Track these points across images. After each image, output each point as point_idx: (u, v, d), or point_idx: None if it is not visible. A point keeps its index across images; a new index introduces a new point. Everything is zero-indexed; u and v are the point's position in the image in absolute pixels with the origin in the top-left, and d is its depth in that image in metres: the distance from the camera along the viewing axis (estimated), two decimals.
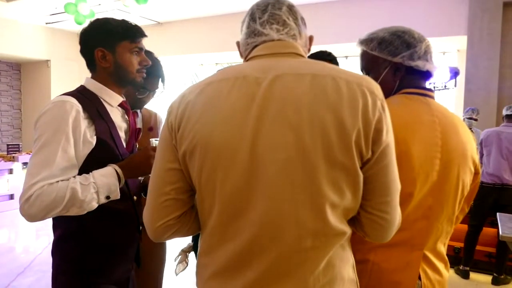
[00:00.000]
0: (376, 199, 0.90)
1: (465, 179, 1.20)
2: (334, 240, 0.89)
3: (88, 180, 1.25)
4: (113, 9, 6.65)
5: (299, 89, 0.85)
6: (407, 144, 1.10)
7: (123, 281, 1.45)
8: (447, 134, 1.17)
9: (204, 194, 0.92)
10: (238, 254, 0.89)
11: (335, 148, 0.83)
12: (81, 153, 1.27)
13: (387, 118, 0.88)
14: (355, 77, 0.87)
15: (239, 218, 0.88)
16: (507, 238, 2.56)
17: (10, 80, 9.22)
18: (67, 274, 1.36)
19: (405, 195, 1.11)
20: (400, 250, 1.15)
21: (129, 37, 1.38)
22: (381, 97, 0.88)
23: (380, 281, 1.15)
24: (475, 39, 5.34)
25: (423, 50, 1.19)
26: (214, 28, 7.57)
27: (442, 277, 1.21)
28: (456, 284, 3.82)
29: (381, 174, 0.89)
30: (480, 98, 5.26)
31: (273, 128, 0.84)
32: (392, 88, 1.23)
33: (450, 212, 1.20)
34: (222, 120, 0.87)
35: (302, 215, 0.85)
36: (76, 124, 1.25)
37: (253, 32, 0.97)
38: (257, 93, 0.86)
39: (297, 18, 0.98)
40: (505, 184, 3.83)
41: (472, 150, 1.22)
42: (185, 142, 0.90)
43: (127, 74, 1.39)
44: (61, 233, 1.38)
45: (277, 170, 0.84)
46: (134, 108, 1.89)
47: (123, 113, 1.47)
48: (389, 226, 0.93)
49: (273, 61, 0.92)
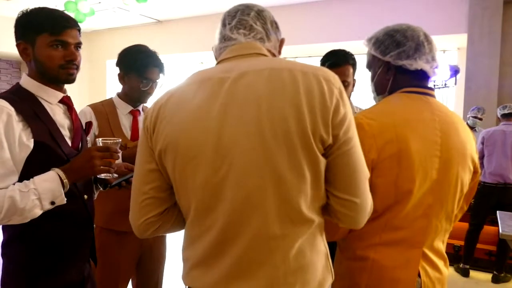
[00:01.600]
0: (343, 183, 0.93)
1: (464, 178, 1.21)
2: (302, 228, 0.93)
3: (28, 186, 1.18)
4: (113, 7, 6.64)
5: (259, 83, 0.90)
6: (407, 142, 1.11)
7: (78, 282, 1.40)
8: (447, 132, 1.17)
9: (180, 191, 0.98)
10: (213, 243, 0.94)
11: (294, 137, 0.87)
12: (18, 158, 1.21)
13: (346, 105, 0.92)
14: (312, 68, 0.92)
15: (213, 210, 0.93)
16: (507, 236, 2.56)
17: (10, 78, 9.22)
18: (14, 277, 1.31)
19: (405, 192, 1.12)
20: (400, 248, 1.16)
21: (48, 29, 1.25)
22: (338, 85, 0.92)
23: (380, 279, 1.15)
24: (476, 37, 5.33)
25: (413, 48, 1.18)
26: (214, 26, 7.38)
27: (441, 274, 1.21)
28: (456, 282, 3.83)
29: (346, 159, 0.92)
30: (480, 96, 5.25)
31: (236, 122, 0.89)
32: (386, 86, 1.25)
33: (449, 210, 1.20)
34: (189, 120, 0.93)
35: (269, 202, 0.89)
36: (8, 128, 1.18)
37: (223, 37, 1.03)
38: (220, 92, 0.92)
39: (265, 22, 1.04)
40: (508, 183, 3.82)
41: (472, 149, 1.22)
42: (159, 143, 0.96)
43: (47, 70, 1.28)
44: (8, 235, 1.32)
45: (242, 161, 0.89)
46: (140, 102, 1.91)
47: (65, 110, 1.38)
48: (360, 209, 0.95)
49: (238, 62, 0.97)
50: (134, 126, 1.91)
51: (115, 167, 1.34)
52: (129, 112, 1.91)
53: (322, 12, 6.43)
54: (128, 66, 1.85)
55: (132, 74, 1.84)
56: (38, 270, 1.31)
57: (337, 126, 0.89)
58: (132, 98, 1.90)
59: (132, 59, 1.84)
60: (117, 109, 1.90)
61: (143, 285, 2.01)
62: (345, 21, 6.26)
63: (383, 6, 5.97)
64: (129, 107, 1.91)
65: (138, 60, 1.82)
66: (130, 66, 1.84)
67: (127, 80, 1.87)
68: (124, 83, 1.90)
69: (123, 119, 1.90)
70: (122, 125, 1.88)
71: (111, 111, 1.88)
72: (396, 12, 5.80)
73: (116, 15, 7.36)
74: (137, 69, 1.82)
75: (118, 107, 1.90)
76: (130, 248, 1.88)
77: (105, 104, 1.91)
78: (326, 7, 6.44)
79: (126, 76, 1.87)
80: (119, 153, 1.36)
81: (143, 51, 1.86)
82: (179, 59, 8.47)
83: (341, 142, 0.90)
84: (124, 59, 1.87)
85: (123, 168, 1.59)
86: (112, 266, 1.76)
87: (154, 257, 2.01)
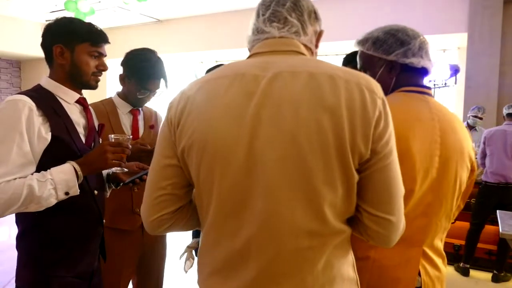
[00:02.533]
0: (378, 200, 0.87)
1: (463, 176, 1.21)
2: (331, 240, 0.88)
3: (45, 177, 1.26)
4: (113, 6, 6.63)
5: (296, 87, 0.84)
6: (408, 142, 1.11)
7: (87, 274, 1.47)
8: (445, 131, 1.17)
9: (201, 191, 0.92)
10: (235, 253, 0.89)
11: (331, 150, 0.81)
12: (36, 149, 1.29)
13: (388, 117, 0.86)
14: (354, 76, 0.86)
15: (237, 217, 0.87)
16: (507, 235, 2.56)
17: (10, 77, 9.23)
18: (28, 267, 1.39)
19: (406, 192, 1.11)
20: (400, 247, 1.15)
21: (91, 40, 1.41)
22: (381, 95, 0.86)
23: (381, 278, 1.15)
24: (476, 36, 5.33)
25: (417, 46, 1.20)
26: (214, 26, 7.56)
27: (440, 272, 1.21)
28: (456, 281, 3.83)
29: (383, 174, 0.86)
30: (481, 96, 5.25)
31: (270, 127, 0.83)
32: (389, 86, 1.25)
33: (448, 209, 1.20)
34: (221, 117, 0.86)
35: (299, 214, 0.84)
36: (29, 122, 1.27)
37: (256, 30, 0.97)
38: (255, 91, 0.85)
39: (302, 13, 0.96)
40: (509, 183, 3.82)
41: (469, 147, 1.23)
42: (184, 138, 0.90)
43: (82, 74, 1.42)
44: (22, 228, 1.41)
45: (273, 169, 0.83)
46: (135, 106, 1.92)
47: (81, 110, 1.49)
48: (393, 229, 0.89)
49: (272, 58, 0.91)
50: (134, 125, 1.92)
51: (125, 162, 1.43)
52: (129, 111, 1.92)
53: (321, 12, 6.42)
54: (131, 71, 1.85)
55: (132, 80, 1.85)
56: (50, 262, 1.38)
57: (376, 140, 0.84)
58: (128, 100, 1.91)
59: (136, 66, 1.83)
60: (117, 109, 1.90)
61: (143, 285, 2.02)
62: (344, 21, 6.26)
63: (383, 5, 5.97)
64: (129, 107, 1.91)
65: (141, 69, 1.82)
66: (133, 73, 1.84)
67: (127, 83, 1.88)
68: (124, 84, 1.90)
69: (124, 118, 1.90)
70: (123, 124, 1.89)
71: (112, 111, 1.89)
72: (397, 12, 5.80)
73: (116, 14, 7.35)
74: (138, 78, 1.83)
75: (118, 107, 1.91)
76: (132, 247, 1.89)
77: (105, 103, 1.91)
78: (326, 7, 6.43)
79: (127, 80, 1.87)
80: (130, 148, 1.44)
81: (148, 59, 1.84)
82: (179, 58, 8.47)
83: (379, 156, 0.85)
84: (129, 63, 1.87)
85: (135, 167, 1.65)
86: (114, 264, 1.77)
87: (155, 256, 2.01)
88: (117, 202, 1.81)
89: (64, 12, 6.54)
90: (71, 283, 1.41)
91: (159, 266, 2.04)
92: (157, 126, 2.03)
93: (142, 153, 1.78)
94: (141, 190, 1.85)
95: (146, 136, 1.95)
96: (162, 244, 2.04)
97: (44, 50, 1.44)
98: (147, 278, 2.01)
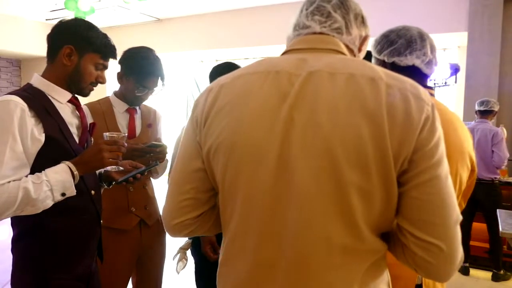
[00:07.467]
0: (424, 220, 0.76)
1: (463, 175, 1.21)
2: (366, 257, 0.80)
3: (41, 178, 1.23)
4: (113, 6, 6.63)
5: (334, 90, 0.77)
6: None
7: (85, 276, 1.45)
8: (446, 131, 1.17)
9: (226, 196, 0.86)
10: (260, 267, 0.82)
11: (370, 161, 0.74)
12: (30, 151, 1.26)
13: (436, 126, 0.77)
14: (398, 80, 0.78)
15: (262, 228, 0.81)
16: (507, 234, 2.56)
17: (10, 76, 9.22)
18: (26, 271, 1.35)
19: None
20: None
21: (102, 53, 1.42)
22: (429, 102, 0.78)
23: None
24: (476, 35, 5.32)
25: (404, 46, 1.24)
26: (214, 25, 7.55)
27: None
28: (456, 280, 3.83)
29: (427, 190, 0.75)
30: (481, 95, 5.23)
31: (305, 132, 0.77)
32: None
33: None
34: (252, 116, 0.81)
35: (332, 228, 0.77)
36: (22, 123, 1.24)
37: (297, 25, 0.92)
38: (289, 91, 0.79)
39: (348, 12, 0.90)
40: (481, 179, 3.79)
41: (469, 147, 1.24)
42: (210, 138, 0.85)
43: (81, 82, 1.41)
44: (18, 230, 1.37)
45: (307, 179, 0.76)
46: (132, 104, 1.91)
47: (74, 109, 1.46)
48: (445, 258, 0.76)
49: (309, 56, 0.84)
50: (130, 125, 1.91)
51: (121, 160, 1.41)
52: (125, 110, 1.91)
53: None
54: (129, 69, 1.85)
55: (130, 78, 1.85)
56: (47, 265, 1.35)
57: (419, 151, 0.75)
58: (126, 98, 1.91)
59: (134, 64, 1.83)
60: (113, 108, 1.90)
61: (143, 284, 2.01)
62: None
63: (384, 5, 5.96)
64: (125, 106, 1.91)
65: (140, 67, 1.82)
66: (131, 70, 1.84)
67: (125, 81, 1.88)
68: (122, 82, 1.90)
69: (120, 118, 1.90)
70: (119, 123, 1.89)
71: (108, 110, 1.88)
72: (397, 11, 5.80)
73: (116, 14, 7.35)
74: (136, 75, 1.83)
75: (115, 106, 1.91)
76: (129, 246, 1.88)
77: (102, 102, 1.91)
78: None
79: (125, 78, 1.87)
80: (125, 146, 1.42)
81: (147, 57, 1.85)
82: (179, 57, 8.47)
83: (420, 168, 0.75)
84: (127, 60, 1.87)
85: (128, 165, 1.64)
86: (111, 264, 1.77)
87: (154, 255, 2.01)
88: (113, 201, 1.81)
89: (64, 11, 6.54)
90: (71, 285, 1.39)
91: (158, 265, 2.04)
92: (156, 124, 2.02)
93: (134, 151, 1.76)
94: (136, 190, 1.87)
95: (143, 135, 1.95)
96: (161, 243, 2.04)
97: (51, 44, 1.40)
98: (147, 277, 2.01)
